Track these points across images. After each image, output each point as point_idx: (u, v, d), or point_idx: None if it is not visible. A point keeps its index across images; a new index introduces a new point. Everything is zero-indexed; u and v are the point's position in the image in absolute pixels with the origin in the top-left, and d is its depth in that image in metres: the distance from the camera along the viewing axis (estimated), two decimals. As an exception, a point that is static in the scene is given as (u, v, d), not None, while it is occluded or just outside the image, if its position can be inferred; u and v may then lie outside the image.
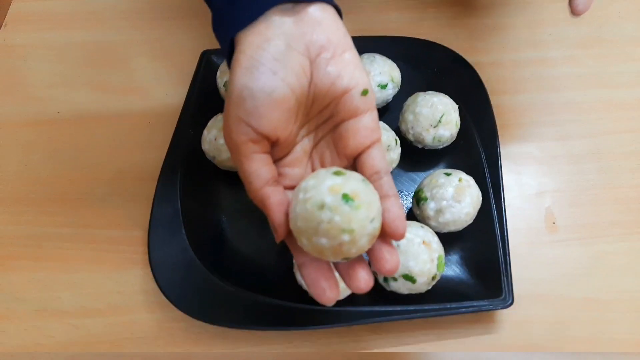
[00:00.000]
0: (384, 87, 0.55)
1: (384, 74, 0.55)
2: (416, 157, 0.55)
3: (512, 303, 0.45)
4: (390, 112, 0.56)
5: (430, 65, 0.60)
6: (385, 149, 0.50)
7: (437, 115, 0.52)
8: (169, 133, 0.56)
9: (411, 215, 0.52)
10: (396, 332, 0.47)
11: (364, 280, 0.34)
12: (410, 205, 0.52)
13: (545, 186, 0.55)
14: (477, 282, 0.48)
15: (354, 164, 0.37)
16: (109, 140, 0.58)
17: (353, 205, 0.31)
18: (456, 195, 0.47)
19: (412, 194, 0.51)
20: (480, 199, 0.49)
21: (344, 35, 0.36)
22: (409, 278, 0.44)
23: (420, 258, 0.44)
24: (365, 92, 0.36)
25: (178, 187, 0.53)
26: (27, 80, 0.64)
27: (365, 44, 0.57)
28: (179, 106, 0.57)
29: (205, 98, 0.58)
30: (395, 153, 0.52)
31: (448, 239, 0.48)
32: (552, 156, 0.56)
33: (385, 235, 0.34)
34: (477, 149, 0.54)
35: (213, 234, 0.52)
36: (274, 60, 0.34)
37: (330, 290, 0.34)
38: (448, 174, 0.49)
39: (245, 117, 0.34)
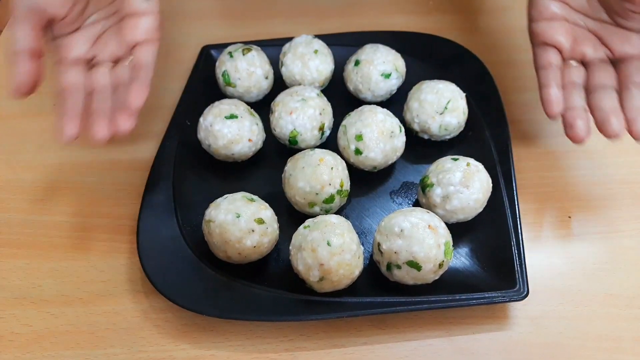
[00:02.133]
0: (387, 76, 0.53)
1: (387, 63, 0.53)
2: (422, 149, 0.52)
3: (527, 294, 0.42)
4: (394, 104, 0.54)
5: (435, 59, 0.58)
6: (389, 135, 0.48)
7: (443, 102, 0.50)
8: (164, 126, 0.54)
9: (417, 205, 0.49)
10: (401, 326, 0.43)
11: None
12: (417, 197, 0.49)
13: (559, 180, 0.52)
14: (488, 274, 0.44)
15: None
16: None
17: None
18: (464, 180, 0.45)
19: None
20: (491, 185, 0.46)
21: None
22: (414, 265, 0.41)
23: (426, 243, 0.41)
24: None
25: (172, 175, 0.51)
26: (26, 75, 0.63)
27: (369, 38, 0.57)
28: (176, 100, 0.56)
29: (203, 91, 0.57)
30: (400, 141, 0.49)
31: (457, 230, 0.45)
32: (565, 151, 0.54)
33: None
34: (486, 139, 0.52)
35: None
36: None
37: None
38: (455, 159, 0.46)
39: None
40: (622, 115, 0.44)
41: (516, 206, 0.46)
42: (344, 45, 0.58)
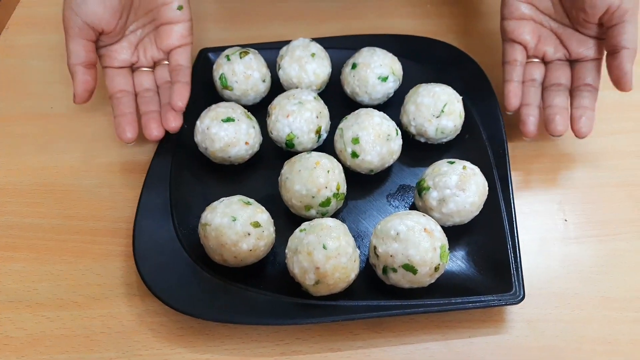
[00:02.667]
0: (384, 79, 0.53)
1: (384, 66, 0.53)
2: (419, 152, 0.52)
3: (523, 298, 0.42)
4: (391, 107, 0.54)
5: (432, 62, 0.58)
6: (386, 138, 0.48)
7: (439, 105, 0.50)
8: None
9: (414, 208, 0.49)
10: (397, 330, 0.43)
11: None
12: (413, 200, 0.49)
13: (555, 183, 0.52)
14: (485, 278, 0.44)
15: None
16: (100, 134, 0.56)
17: None
18: (460, 183, 0.45)
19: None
20: (487, 188, 0.46)
21: None
22: (410, 268, 0.41)
23: (422, 246, 0.41)
24: (180, 8, 0.51)
25: (168, 178, 0.51)
26: (24, 78, 0.63)
27: (366, 42, 0.57)
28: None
29: (200, 94, 0.57)
30: (396, 144, 0.49)
31: (453, 233, 0.45)
32: (562, 154, 0.54)
33: None
34: (483, 143, 0.52)
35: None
36: None
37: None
38: (452, 162, 0.46)
39: (76, 7, 0.46)
40: (567, 115, 0.50)
41: (512, 209, 0.46)
42: (341, 48, 0.58)
